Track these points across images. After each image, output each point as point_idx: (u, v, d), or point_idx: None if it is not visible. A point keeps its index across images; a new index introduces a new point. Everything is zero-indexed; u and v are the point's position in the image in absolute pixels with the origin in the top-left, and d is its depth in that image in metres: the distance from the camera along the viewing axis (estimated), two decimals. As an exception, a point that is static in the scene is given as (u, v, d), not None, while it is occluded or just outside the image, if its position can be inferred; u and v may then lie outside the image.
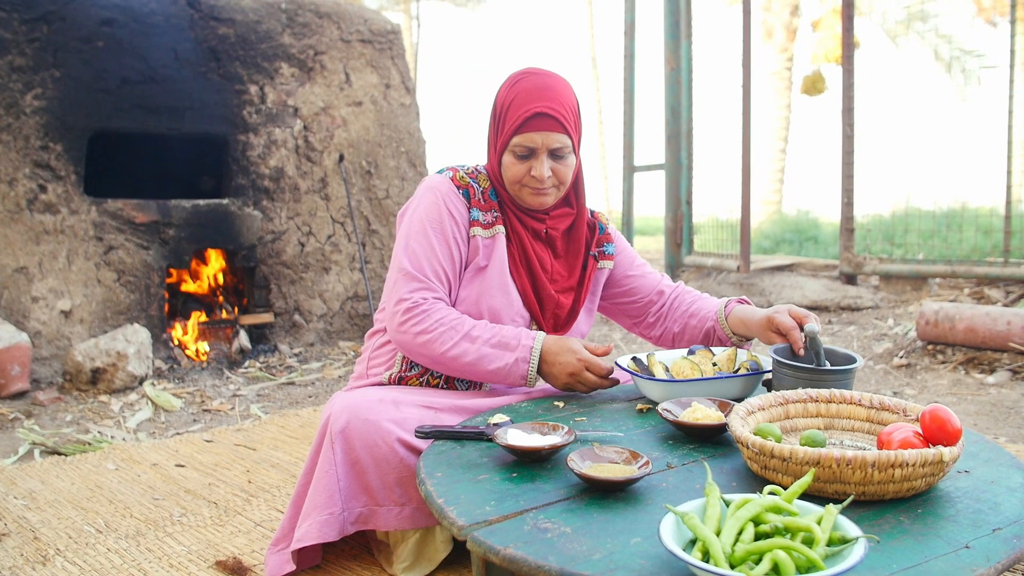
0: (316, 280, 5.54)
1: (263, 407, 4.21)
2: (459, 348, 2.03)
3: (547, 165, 2.12)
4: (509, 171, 2.15)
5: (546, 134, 2.10)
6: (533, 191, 2.16)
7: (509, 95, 2.14)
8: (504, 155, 2.15)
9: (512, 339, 2.04)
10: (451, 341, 2.03)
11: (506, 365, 2.03)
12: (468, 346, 2.03)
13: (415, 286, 2.09)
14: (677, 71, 7.72)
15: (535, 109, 2.09)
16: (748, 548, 1.17)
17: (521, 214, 2.23)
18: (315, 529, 1.89)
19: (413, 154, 6.05)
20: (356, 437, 1.91)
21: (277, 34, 5.42)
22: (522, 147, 2.11)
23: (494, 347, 2.03)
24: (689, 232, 7.78)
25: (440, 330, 2.03)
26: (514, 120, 2.10)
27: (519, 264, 2.20)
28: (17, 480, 3.03)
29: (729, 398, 2.03)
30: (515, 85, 2.15)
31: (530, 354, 2.03)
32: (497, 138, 2.18)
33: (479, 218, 2.18)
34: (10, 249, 4.45)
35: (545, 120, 2.09)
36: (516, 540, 1.29)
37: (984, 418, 3.79)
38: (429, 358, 2.06)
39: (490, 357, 2.03)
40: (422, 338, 2.04)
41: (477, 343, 2.03)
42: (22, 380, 4.20)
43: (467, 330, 2.04)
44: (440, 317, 2.05)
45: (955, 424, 1.49)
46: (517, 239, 2.22)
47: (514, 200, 2.22)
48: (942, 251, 6.53)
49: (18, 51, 4.49)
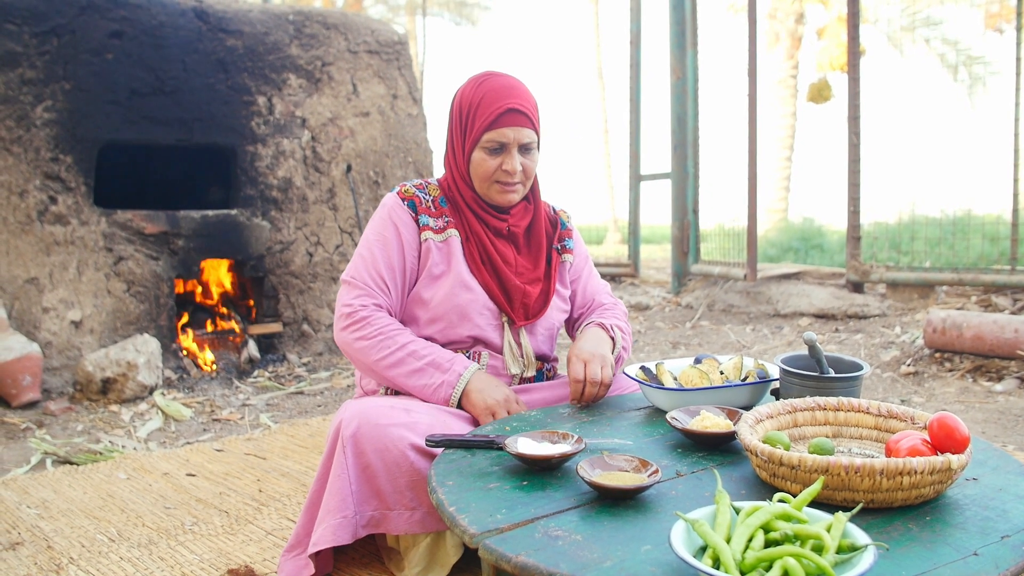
0: (324, 290, 5.56)
1: (272, 416, 4.23)
2: (393, 358, 2.13)
3: (518, 160, 2.20)
4: (480, 167, 2.22)
5: (517, 129, 2.18)
6: (502, 187, 2.23)
7: (476, 94, 2.21)
8: (474, 152, 2.22)
9: (445, 362, 2.14)
10: (387, 351, 2.13)
11: (432, 384, 2.12)
12: (401, 357, 2.13)
13: (357, 293, 2.20)
14: (683, 80, 7.73)
15: (507, 105, 2.17)
16: (758, 555, 1.18)
17: (482, 213, 2.29)
18: (329, 532, 1.91)
19: (420, 164, 6.07)
20: (367, 442, 1.92)
21: (285, 45, 5.45)
22: (494, 142, 2.18)
23: (427, 365, 2.13)
24: (696, 241, 7.79)
25: (378, 339, 2.14)
26: (485, 116, 2.18)
27: (479, 261, 2.26)
28: (30, 489, 3.05)
29: (737, 406, 2.04)
30: (481, 85, 2.22)
31: (457, 380, 2.11)
32: (465, 136, 2.24)
33: (429, 223, 2.27)
34: (21, 260, 4.48)
35: (516, 116, 2.18)
36: (527, 548, 1.31)
37: (992, 426, 3.79)
38: (364, 364, 2.17)
39: (420, 373, 2.12)
40: (360, 344, 2.15)
41: (411, 358, 2.13)
42: (33, 390, 4.22)
43: (404, 342, 2.15)
44: (380, 327, 2.16)
45: (963, 432, 1.50)
46: (476, 238, 2.28)
47: (478, 200, 2.29)
48: (949, 259, 6.53)
49: (28, 64, 4.53)
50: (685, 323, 6.65)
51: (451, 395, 2.11)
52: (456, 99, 2.29)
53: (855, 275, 6.55)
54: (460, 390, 2.11)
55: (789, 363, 2.05)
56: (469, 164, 2.25)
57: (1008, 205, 5.99)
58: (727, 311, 6.88)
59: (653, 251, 13.89)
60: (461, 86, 2.30)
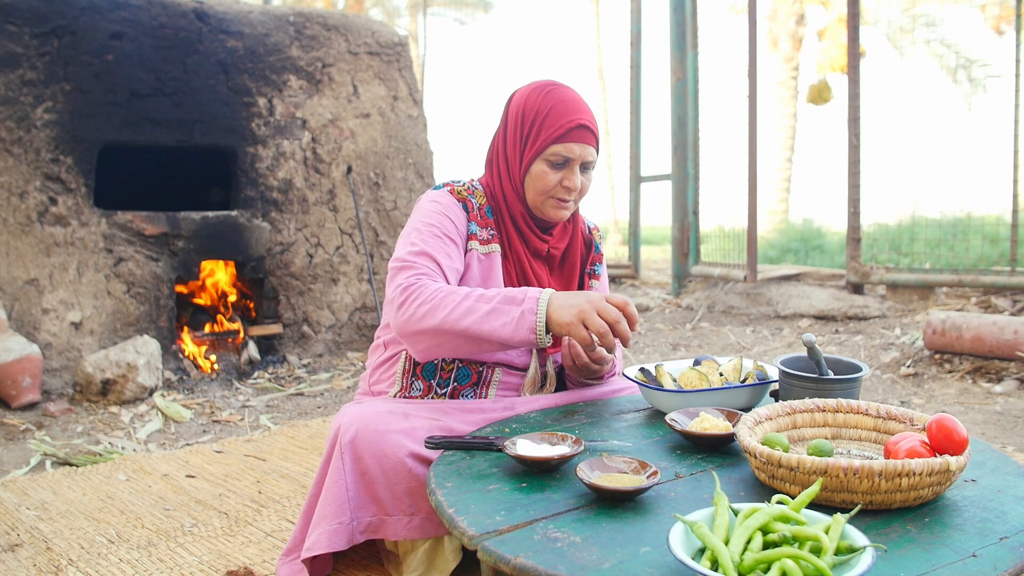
0: (324, 291, 5.56)
1: (272, 418, 4.23)
2: (461, 308, 1.91)
3: (579, 177, 2.14)
4: (540, 180, 2.13)
5: (584, 146, 2.11)
6: (558, 203, 2.16)
7: (544, 103, 2.13)
8: (535, 163, 2.14)
9: (519, 294, 1.92)
10: (452, 304, 1.91)
11: (511, 318, 1.89)
12: (470, 305, 1.91)
13: (409, 273, 2.02)
14: (683, 81, 7.74)
15: (579, 120, 2.10)
16: (757, 557, 1.18)
17: (527, 232, 2.22)
18: (324, 538, 1.90)
19: (421, 165, 6.08)
20: (365, 448, 1.92)
21: (285, 47, 5.46)
22: (559, 156, 2.10)
23: (500, 303, 1.91)
24: (696, 242, 7.79)
25: (440, 295, 1.93)
26: (555, 128, 2.09)
27: (516, 281, 2.20)
28: (29, 491, 3.05)
29: (736, 408, 2.04)
30: (549, 94, 2.14)
31: (536, 304, 1.90)
32: (526, 145, 2.15)
33: (477, 232, 2.17)
34: (21, 261, 4.48)
35: (585, 133, 2.11)
36: (526, 549, 1.31)
37: (992, 427, 3.79)
38: (433, 329, 1.93)
39: (495, 313, 1.90)
40: (423, 308, 1.93)
41: (480, 302, 1.92)
42: (33, 391, 4.22)
43: (467, 291, 1.95)
44: (437, 288, 1.96)
45: (961, 433, 1.50)
46: (515, 257, 2.21)
47: (525, 217, 2.21)
48: (949, 260, 6.53)
49: (29, 65, 4.53)
50: (685, 324, 6.65)
51: (535, 322, 1.88)
52: (517, 104, 2.19)
53: (855, 276, 6.55)
54: (544, 313, 1.88)
55: (788, 365, 2.05)
56: (526, 175, 2.16)
57: (1008, 206, 5.99)
58: (727, 312, 6.88)
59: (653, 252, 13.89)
60: (521, 91, 2.21)
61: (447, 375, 2.20)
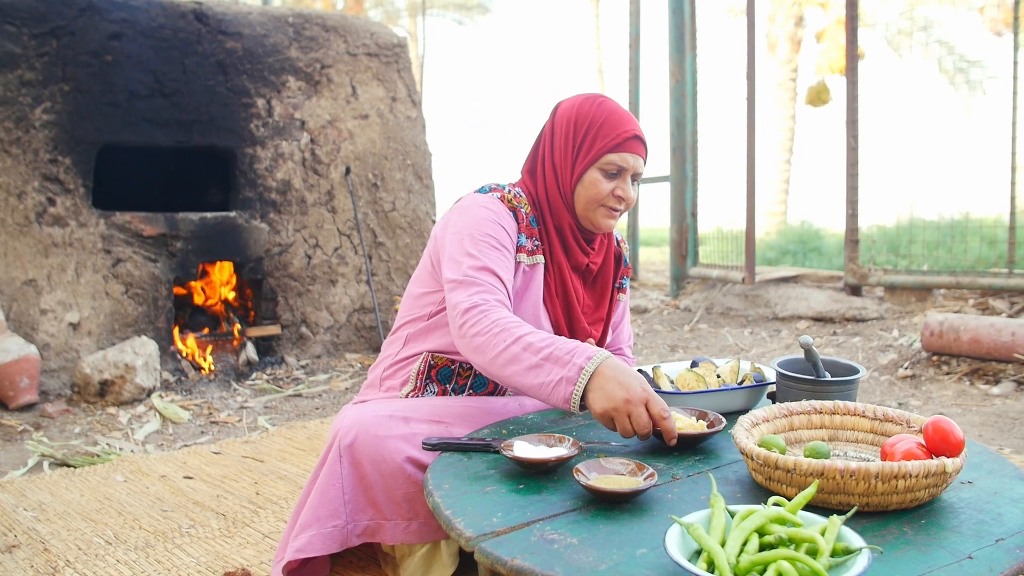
0: (323, 292, 5.56)
1: (270, 419, 4.23)
2: (508, 354, 1.82)
3: (631, 188, 2.17)
4: (593, 188, 2.14)
5: (636, 157, 2.15)
6: (608, 211, 2.17)
7: (598, 113, 2.15)
8: (589, 171, 2.14)
9: (565, 354, 1.78)
10: (502, 345, 1.83)
11: (550, 381, 1.77)
12: (516, 352, 1.82)
13: (472, 291, 1.96)
14: (682, 83, 7.75)
15: (633, 131, 2.13)
16: (753, 559, 1.18)
17: (571, 243, 2.22)
18: (318, 540, 1.90)
19: (419, 167, 6.08)
20: (364, 452, 1.92)
21: (284, 48, 5.46)
22: (614, 165, 2.12)
23: (544, 359, 1.79)
24: (694, 244, 7.80)
25: (493, 331, 1.86)
26: (611, 138, 2.12)
27: (555, 295, 2.19)
28: (27, 492, 3.05)
29: (733, 410, 2.05)
30: (601, 105, 2.16)
31: (579, 375, 1.75)
32: (579, 153, 2.16)
33: (525, 244, 2.17)
34: (19, 262, 4.48)
35: (639, 144, 2.15)
36: (523, 551, 1.31)
37: (989, 429, 3.79)
38: (482, 366, 1.89)
39: (536, 370, 1.80)
40: (477, 340, 1.87)
41: (526, 352, 1.81)
42: (31, 392, 4.22)
43: (520, 334, 1.84)
44: (497, 318, 1.88)
45: (958, 435, 1.51)
46: (556, 269, 2.20)
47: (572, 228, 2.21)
48: (947, 262, 6.53)
49: (28, 65, 4.53)
50: (683, 326, 6.65)
51: (572, 394, 1.75)
52: (565, 112, 2.20)
53: (853, 278, 6.55)
54: (582, 387, 1.74)
55: (785, 366, 2.05)
56: (578, 183, 2.16)
57: (1006, 208, 6.00)
58: (725, 314, 6.88)
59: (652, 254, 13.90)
60: (569, 101, 2.23)
61: (463, 381, 2.21)
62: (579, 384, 1.74)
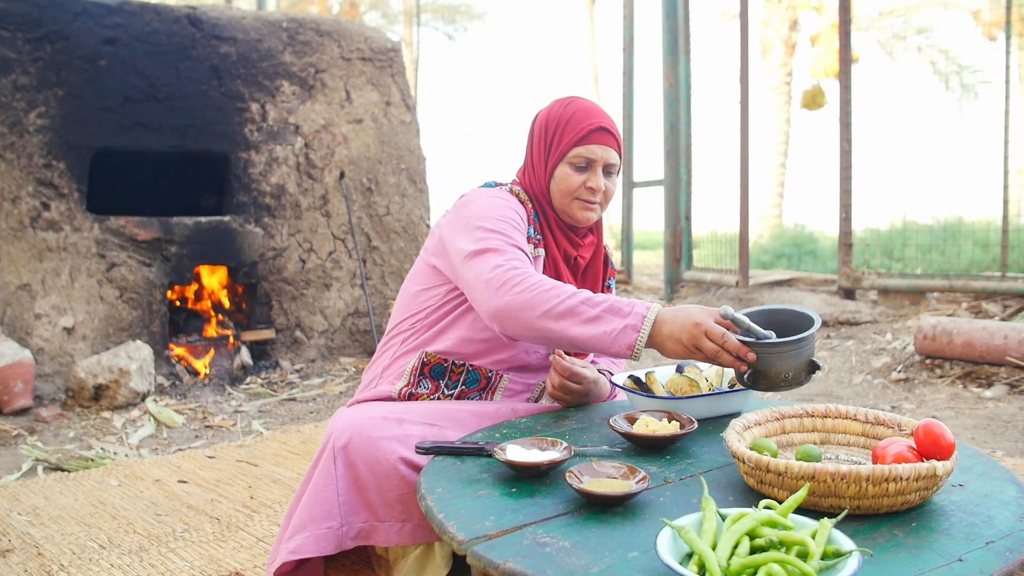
0: (317, 296, 5.56)
1: (265, 423, 4.23)
2: (564, 306, 1.87)
3: (602, 179, 2.20)
4: (564, 183, 2.19)
5: (605, 148, 2.18)
6: (583, 204, 2.21)
7: (565, 112, 2.21)
8: (559, 167, 2.20)
9: (625, 306, 1.87)
10: (556, 299, 1.87)
11: (612, 330, 1.85)
12: (573, 305, 1.87)
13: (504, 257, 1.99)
14: (676, 87, 7.76)
15: (598, 123, 2.18)
16: (743, 562, 1.19)
17: (562, 235, 2.26)
18: (312, 542, 1.89)
19: (413, 171, 6.08)
20: (358, 454, 1.92)
21: (278, 52, 5.46)
22: (582, 158, 2.17)
23: (604, 311, 1.87)
24: (688, 247, 7.81)
25: (542, 287, 1.90)
26: (576, 132, 2.17)
27: None
28: (21, 496, 3.05)
29: (726, 413, 2.05)
30: (569, 105, 2.22)
31: (641, 322, 1.85)
32: (550, 152, 2.22)
33: (532, 235, 2.22)
34: (13, 267, 4.48)
35: (606, 135, 2.18)
36: (515, 554, 1.31)
37: (982, 432, 3.80)
38: (529, 322, 1.90)
39: (597, 321, 1.86)
40: (523, 297, 1.89)
41: (584, 305, 1.87)
42: (25, 397, 4.22)
43: (573, 291, 1.90)
44: (539, 279, 1.93)
45: (949, 438, 1.51)
46: (552, 263, 2.24)
47: (559, 223, 2.26)
48: (940, 265, 6.55)
49: (22, 70, 4.53)
50: (678, 329, 6.65)
51: (636, 340, 1.84)
52: (540, 118, 2.28)
53: (847, 282, 6.57)
54: (647, 331, 1.84)
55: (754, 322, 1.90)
56: (551, 179, 2.23)
57: (999, 212, 6.02)
58: (720, 317, 6.88)
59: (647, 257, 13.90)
60: (544, 107, 2.29)
61: (456, 377, 2.22)
62: (643, 331, 1.84)
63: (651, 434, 1.77)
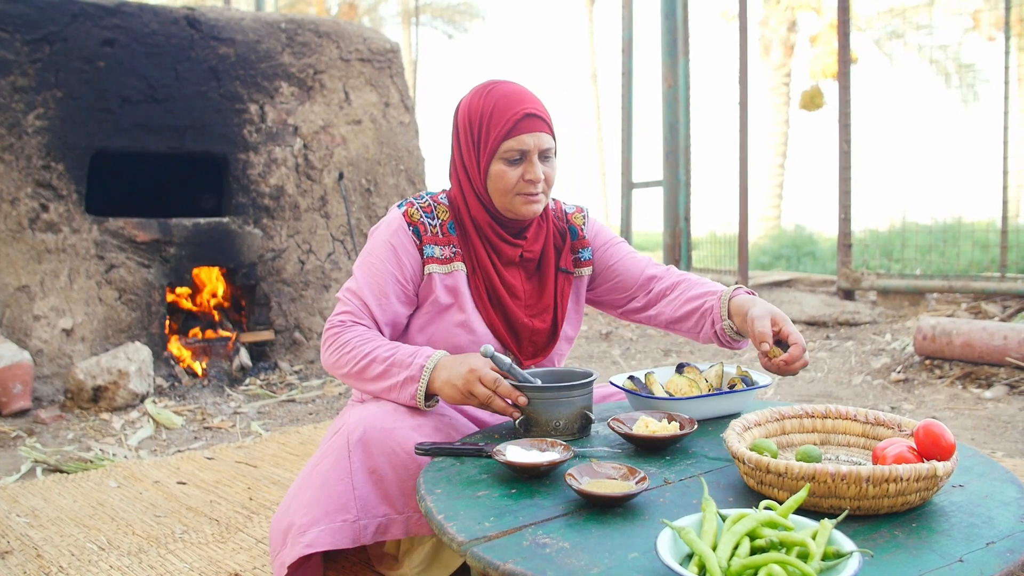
0: (316, 298, 5.56)
1: (264, 424, 4.22)
2: (359, 365, 2.00)
3: (539, 167, 2.07)
4: (500, 181, 2.06)
5: (536, 135, 2.05)
6: (526, 198, 2.08)
7: (486, 103, 2.07)
8: (492, 165, 2.07)
9: (407, 357, 1.97)
10: (355, 359, 2.00)
11: (396, 382, 1.96)
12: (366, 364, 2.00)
13: (338, 312, 2.10)
14: (675, 88, 7.77)
15: (523, 111, 2.04)
16: (744, 563, 1.18)
17: (495, 241, 2.15)
18: (327, 535, 1.85)
19: (412, 172, 6.08)
20: (374, 444, 1.89)
21: (277, 53, 5.46)
22: (514, 151, 2.04)
23: (390, 365, 1.97)
24: (687, 248, 7.81)
25: (348, 348, 2.02)
26: (502, 124, 2.03)
27: (485, 297, 2.14)
28: (20, 498, 3.04)
29: (727, 414, 2.05)
30: (489, 94, 2.09)
31: (420, 372, 1.94)
32: (479, 150, 2.09)
33: (435, 254, 2.11)
34: (12, 268, 4.47)
35: (534, 121, 2.05)
36: (515, 555, 1.31)
37: (981, 432, 3.80)
38: (342, 377, 2.07)
39: (385, 376, 1.97)
40: (334, 356, 2.04)
41: (374, 363, 1.98)
42: (24, 398, 4.21)
43: (368, 350, 2.00)
44: (350, 337, 2.03)
45: (949, 439, 1.51)
46: (482, 272, 2.14)
47: (492, 225, 2.15)
48: (939, 266, 6.56)
49: (20, 71, 4.53)
50: (677, 330, 6.65)
51: (416, 390, 1.93)
52: (461, 112, 2.14)
53: (846, 282, 6.57)
54: (425, 382, 1.93)
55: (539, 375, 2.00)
56: (487, 179, 2.09)
57: (998, 212, 6.02)
58: (719, 318, 6.88)
59: (646, 258, 13.88)
60: (464, 98, 2.15)
61: None
62: (423, 380, 1.93)
63: (651, 435, 1.77)
